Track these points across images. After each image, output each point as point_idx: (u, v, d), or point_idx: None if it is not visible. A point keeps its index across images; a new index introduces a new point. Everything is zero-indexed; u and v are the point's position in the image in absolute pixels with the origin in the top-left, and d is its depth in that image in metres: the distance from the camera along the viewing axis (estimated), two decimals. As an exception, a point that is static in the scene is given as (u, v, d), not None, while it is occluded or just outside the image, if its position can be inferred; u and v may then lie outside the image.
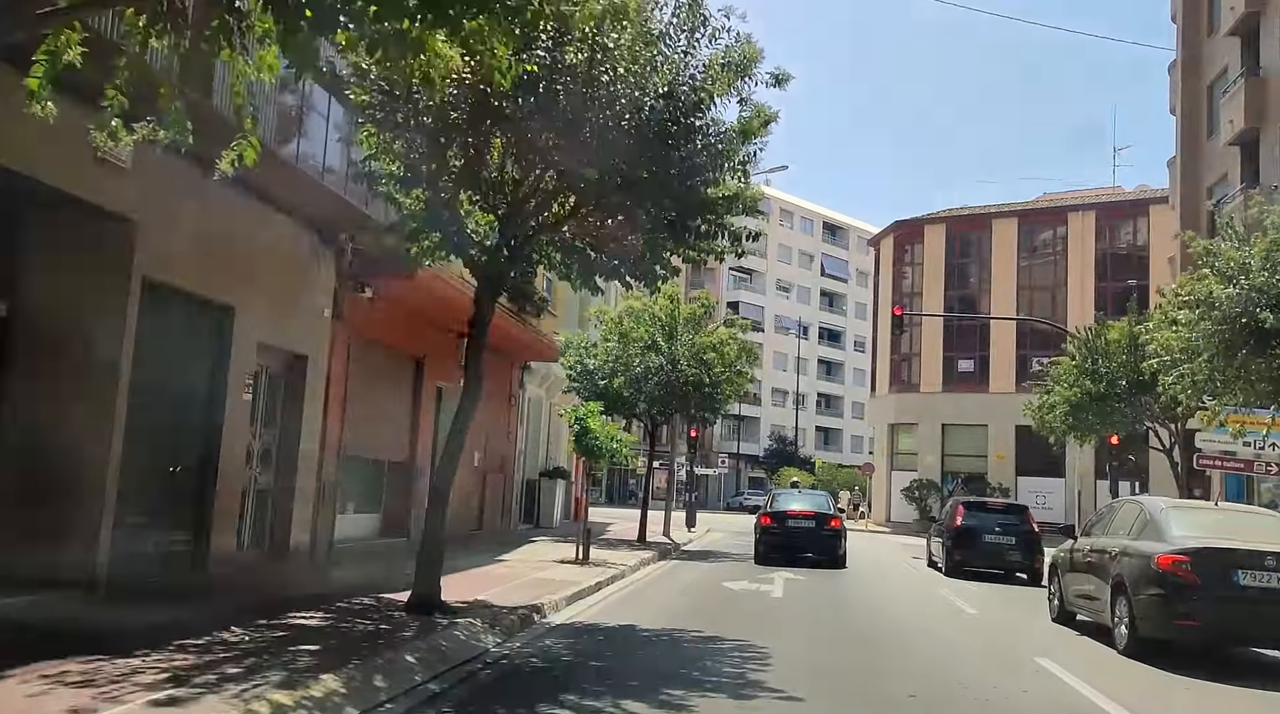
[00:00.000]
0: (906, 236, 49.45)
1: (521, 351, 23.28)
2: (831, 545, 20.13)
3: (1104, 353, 22.57)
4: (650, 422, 24.76)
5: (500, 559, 16.69)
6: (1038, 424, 26.76)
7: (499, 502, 23.72)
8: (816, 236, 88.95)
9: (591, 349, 24.01)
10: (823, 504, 21.17)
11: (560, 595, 12.20)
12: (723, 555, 22.66)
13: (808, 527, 20.26)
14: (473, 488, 21.80)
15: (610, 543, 23.02)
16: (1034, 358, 45.11)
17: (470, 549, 18.06)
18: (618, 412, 24.81)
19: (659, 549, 21.91)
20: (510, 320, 19.82)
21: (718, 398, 23.72)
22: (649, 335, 23.21)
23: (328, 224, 13.73)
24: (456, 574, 13.76)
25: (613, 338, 23.66)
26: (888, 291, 50.49)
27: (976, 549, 18.77)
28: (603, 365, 23.49)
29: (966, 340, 47.16)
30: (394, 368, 17.57)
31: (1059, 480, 43.62)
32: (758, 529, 20.68)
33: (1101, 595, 10.55)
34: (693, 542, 27.51)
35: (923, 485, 44.89)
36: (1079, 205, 44.98)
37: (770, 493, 23.19)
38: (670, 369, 23.10)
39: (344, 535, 16.19)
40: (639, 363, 23.06)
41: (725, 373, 23.41)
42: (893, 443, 49.04)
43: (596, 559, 17.78)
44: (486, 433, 22.53)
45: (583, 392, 24.17)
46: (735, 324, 24.64)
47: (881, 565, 21.88)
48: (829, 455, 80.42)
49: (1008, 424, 44.64)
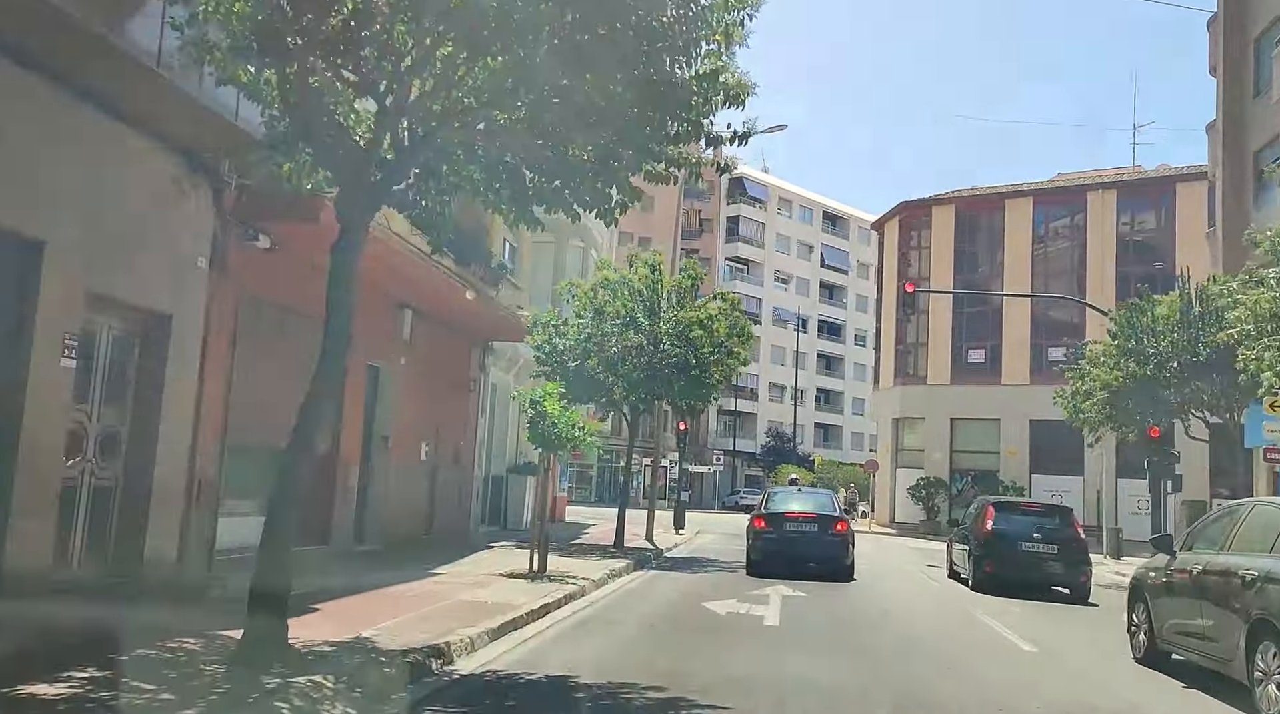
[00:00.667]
0: (912, 219, 46.40)
1: (479, 328, 20.23)
2: (837, 553, 17.13)
3: (1150, 331, 19.55)
4: (630, 410, 21.71)
5: (435, 572, 13.65)
6: (1070, 414, 23.72)
7: (454, 501, 20.67)
8: (816, 226, 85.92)
9: (562, 327, 20.97)
10: (826, 504, 18.15)
11: (484, 627, 9.16)
12: (710, 563, 19.62)
13: (809, 531, 17.24)
14: (418, 485, 18.75)
15: (582, 549, 20.00)
16: (1049, 347, 42.23)
17: (405, 558, 15.05)
18: (592, 399, 21.78)
19: (636, 556, 18.88)
20: (455, 284, 16.77)
21: (706, 383, 20.66)
22: (627, 310, 20.17)
23: (195, 145, 10.66)
24: (360, 596, 10.72)
25: (586, 314, 20.61)
26: (892, 278, 47.39)
27: (1011, 559, 15.75)
28: (574, 345, 20.45)
29: (977, 329, 44.13)
30: (310, 340, 14.45)
31: (1076, 479, 40.61)
32: (750, 533, 17.65)
33: (1225, 636, 7.53)
34: (678, 546, 24.47)
35: (930, 484, 41.86)
36: (1098, 183, 41.93)
37: (765, 492, 20.19)
38: (651, 349, 20.07)
39: (236, 542, 13.13)
40: (615, 342, 20.02)
41: (714, 353, 20.36)
42: (897, 439, 46.00)
43: (556, 570, 14.80)
44: (437, 422, 19.50)
45: (553, 376, 21.15)
46: (727, 299, 21.60)
47: (895, 576, 18.85)
48: (828, 453, 77.41)
49: (1021, 418, 41.72)
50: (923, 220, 45.99)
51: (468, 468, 21.49)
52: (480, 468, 22.58)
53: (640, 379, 20.29)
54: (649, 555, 19.81)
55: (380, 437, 17.21)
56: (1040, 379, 41.60)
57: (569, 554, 18.52)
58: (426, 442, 19.20)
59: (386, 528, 17.16)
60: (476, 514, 22.47)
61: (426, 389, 18.59)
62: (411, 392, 17.88)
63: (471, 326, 19.95)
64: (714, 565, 19.20)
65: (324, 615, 9.28)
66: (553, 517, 30.92)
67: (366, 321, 15.90)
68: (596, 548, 20.55)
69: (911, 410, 44.98)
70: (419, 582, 12.25)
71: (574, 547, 20.52)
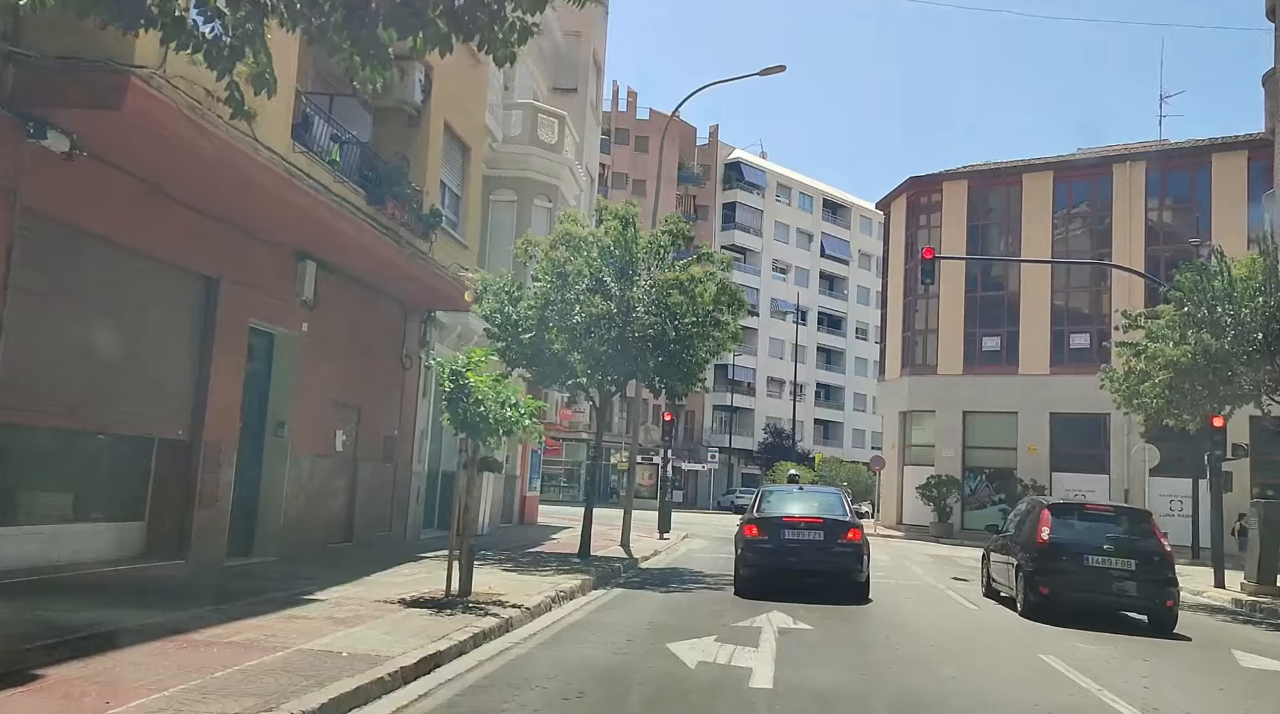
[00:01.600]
0: (922, 196, 42.86)
1: (415, 293, 16.72)
2: (848, 567, 13.65)
3: (1224, 297, 16.03)
4: (599, 394, 18.20)
5: (309, 599, 10.14)
6: (1122, 399, 20.18)
7: (385, 501, 17.17)
8: (816, 214, 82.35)
9: (516, 293, 17.47)
10: (835, 506, 14.62)
11: (292, 711, 5.65)
12: (692, 578, 16.13)
13: (813, 540, 13.74)
14: (332, 482, 15.24)
15: (537, 560, 16.54)
16: (1071, 334, 38.77)
17: (291, 576, 11.61)
18: (555, 381, 18.28)
19: (601, 570, 15.40)
20: (375, 234, 13.31)
21: (688, 360, 17.15)
22: (592, 271, 16.67)
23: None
24: (155, 644, 7.24)
25: (546, 277, 17.11)
26: (899, 261, 43.92)
27: (1074, 578, 12.24)
28: (529, 314, 16.96)
29: (992, 314, 40.59)
30: (154, 288, 10.96)
31: (1101, 477, 37.21)
32: (740, 543, 14.15)
33: None
34: (659, 555, 20.97)
35: (941, 483, 38.30)
36: (1126, 155, 38.37)
37: (759, 491, 16.65)
38: (621, 319, 16.57)
39: (59, 558, 9.67)
40: (579, 310, 16.51)
41: (698, 324, 16.84)
42: (905, 434, 42.46)
43: (486, 592, 11.39)
44: (361, 406, 16.00)
45: (508, 352, 17.67)
46: (714, 258, 18.08)
47: (919, 596, 15.31)
48: (829, 451, 73.80)
49: (1041, 411, 38.25)
50: (933, 198, 42.45)
51: (405, 462, 17.99)
52: (422, 462, 19.07)
53: (608, 355, 16.81)
54: (618, 568, 16.32)
55: (275, 422, 13.71)
56: (1062, 369, 38.19)
57: (517, 567, 15.04)
58: (344, 429, 15.70)
59: (285, 535, 13.67)
60: (418, 517, 18.97)
61: (343, 365, 15.08)
62: (320, 366, 14.38)
63: (405, 291, 16.45)
64: (696, 581, 15.71)
65: (46, 688, 5.79)
66: (521, 519, 27.47)
67: (245, 267, 12.48)
68: (555, 558, 17.07)
69: (920, 403, 41.46)
70: (268, 617, 8.74)
71: (528, 556, 17.04)
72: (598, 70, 31.38)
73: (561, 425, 29.09)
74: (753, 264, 76.80)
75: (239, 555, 12.90)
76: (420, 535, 19.06)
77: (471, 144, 18.10)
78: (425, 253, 15.47)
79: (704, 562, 19.54)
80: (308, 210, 11.59)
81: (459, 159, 17.84)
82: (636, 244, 17.16)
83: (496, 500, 24.44)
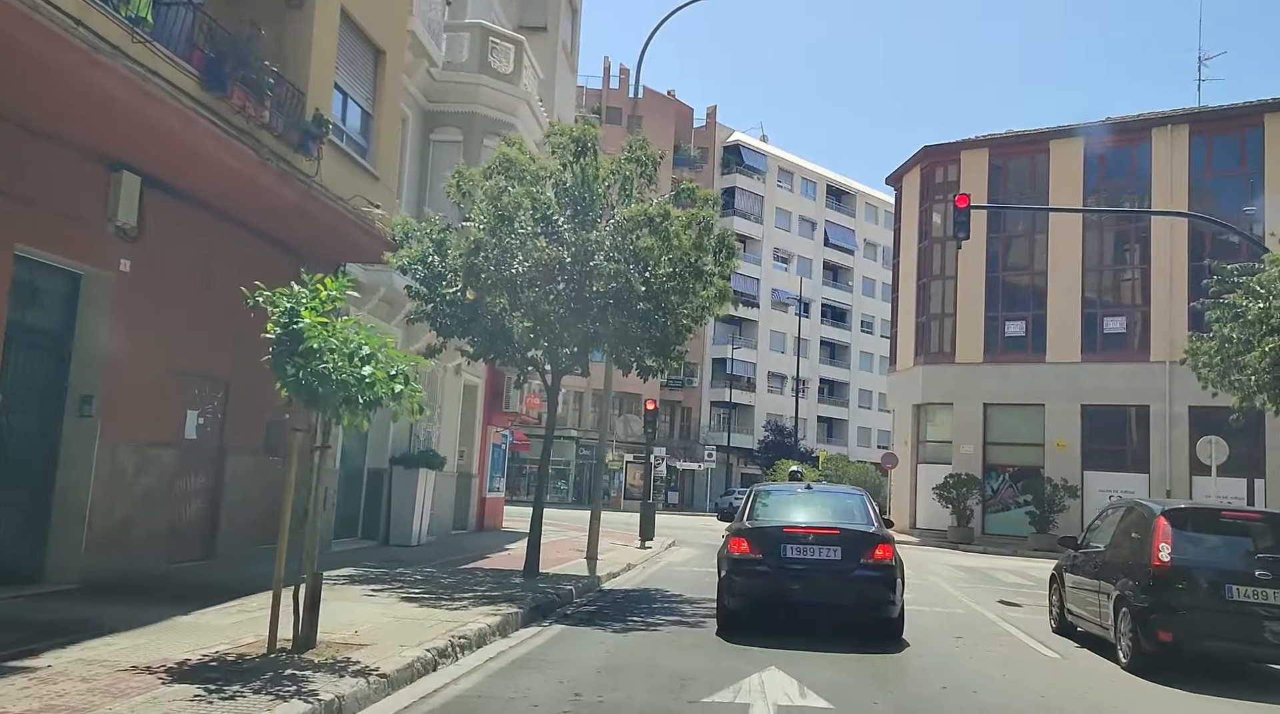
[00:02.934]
0: (937, 167, 39.00)
1: (308, 234, 12.85)
2: (875, 599, 9.84)
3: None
4: (552, 368, 14.32)
5: (30, 664, 6.30)
6: (1216, 377, 16.29)
7: (272, 505, 13.28)
8: (819, 201, 78.40)
9: (444, 240, 13.61)
10: (855, 512, 10.72)
11: None
12: (665, 606, 12.28)
13: (826, 560, 9.86)
14: (179, 479, 11.40)
15: (466, 581, 12.73)
16: (1105, 317, 34.89)
17: (61, 618, 7.81)
18: (496, 352, 14.40)
19: (542, 596, 11.58)
20: (212, 131, 9.49)
21: (662, 323, 13.30)
22: (537, 205, 12.84)
23: None
24: None
25: (480, 215, 13.28)
26: (911, 238, 40.06)
27: (1212, 618, 8.37)
28: (457, 263, 13.12)
29: (1016, 297, 36.75)
30: None
31: (1140, 476, 33.38)
32: (725, 564, 10.24)
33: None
34: (632, 570, 17.12)
35: (960, 482, 34.40)
36: (1166, 118, 34.47)
37: (751, 491, 12.53)
38: (576, 269, 12.75)
39: None
40: (521, 258, 12.68)
41: (675, 277, 12.99)
42: (919, 429, 38.58)
43: (344, 640, 7.78)
44: (227, 379, 12.15)
45: (438, 317, 13.84)
46: (696, 196, 14.22)
47: (971, 633, 11.31)
48: (833, 449, 69.82)
49: (1070, 403, 34.43)
50: (949, 169, 38.58)
51: (306, 455, 14.10)
52: (334, 458, 15.21)
53: (559, 316, 12.98)
54: (569, 592, 12.45)
55: (79, 397, 9.87)
56: (1094, 356, 34.39)
57: (430, 593, 11.24)
58: (202, 410, 11.86)
59: (94, 552, 9.85)
60: (328, 525, 15.11)
61: (197, 324, 11.25)
62: (154, 322, 10.57)
63: (294, 231, 12.59)
64: (668, 610, 11.85)
65: None
66: (479, 525, 23.62)
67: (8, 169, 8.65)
68: (492, 578, 13.26)
69: (936, 395, 37.59)
70: None
71: (457, 576, 13.21)
72: (573, 10, 27.52)
73: (529, 416, 25.19)
74: (753, 253, 72.84)
75: (19, 584, 9.11)
76: (331, 547, 15.22)
77: (387, 49, 14.26)
78: (309, 176, 11.60)
79: (686, 579, 15.70)
80: (88, 82, 7.76)
81: (368, 65, 13.99)
82: (596, 176, 13.32)
83: (444, 503, 20.60)
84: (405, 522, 17.51)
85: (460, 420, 21.73)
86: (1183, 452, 32.68)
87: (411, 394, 7.69)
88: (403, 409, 7.77)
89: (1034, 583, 18.91)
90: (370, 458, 17.41)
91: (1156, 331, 33.44)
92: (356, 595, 10.66)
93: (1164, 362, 33.01)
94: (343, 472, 16.23)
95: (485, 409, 23.76)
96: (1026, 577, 20.44)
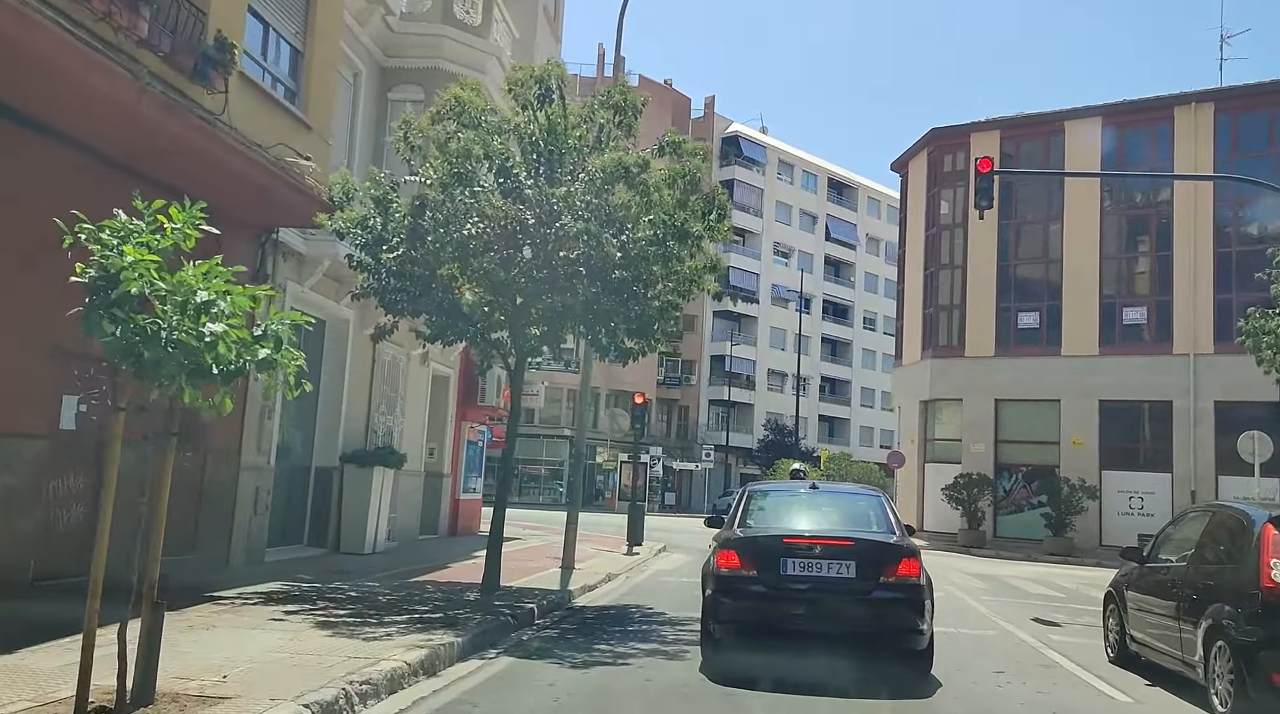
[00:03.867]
0: (945, 152, 37.02)
1: (229, 194, 10.86)
2: (899, 626, 7.88)
3: None
4: (515, 350, 12.35)
5: None
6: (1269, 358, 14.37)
7: (184, 509, 11.32)
8: (821, 194, 76.39)
9: (387, 198, 11.64)
10: (872, 517, 8.74)
11: None
12: (641, 630, 10.33)
13: (838, 578, 7.87)
14: (50, 478, 9.46)
15: (409, 598, 10.79)
16: (1124, 307, 32.90)
17: None
18: (455, 331, 12.43)
19: (500, 617, 9.65)
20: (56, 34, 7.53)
21: (641, 295, 11.36)
22: (492, 154, 10.90)
23: None
24: None
25: (429, 171, 11.35)
26: (918, 225, 38.07)
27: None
28: (402, 225, 11.18)
29: (1030, 286, 34.79)
30: None
31: (1163, 476, 31.41)
32: (710, 581, 8.25)
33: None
34: (613, 581, 15.16)
35: (971, 482, 32.39)
36: (1190, 95, 32.49)
37: (743, 491, 10.58)
38: (541, 232, 10.81)
39: None
40: (474, 219, 10.75)
41: (656, 242, 11.05)
42: (926, 426, 36.57)
43: (198, 692, 5.63)
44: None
45: (386, 293, 11.89)
46: (683, 148, 12.23)
47: (1013, 665, 9.17)
48: (834, 449, 67.83)
49: (1088, 399, 32.46)
50: (957, 154, 36.60)
51: (227, 451, 12.20)
52: (267, 451, 13.27)
53: (521, 287, 11.05)
54: (527, 612, 10.48)
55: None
56: (1113, 349, 32.43)
57: (360, 612, 9.30)
58: (82, 395, 9.90)
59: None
60: (259, 532, 13.18)
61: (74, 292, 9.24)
62: (15, 289, 8.61)
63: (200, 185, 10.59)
64: (644, 635, 9.90)
65: None
66: (452, 529, 21.66)
67: None
68: (442, 593, 11.33)
69: (945, 390, 35.58)
70: None
71: (400, 592, 11.26)
72: (556, -29, 25.58)
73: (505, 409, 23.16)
74: (752, 247, 71.03)
75: None
76: (264, 558, 13.29)
77: (322, -22, 12.29)
78: (212, 113, 9.63)
79: (672, 592, 13.74)
80: None
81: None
82: (565, 126, 11.38)
83: (410, 505, 18.69)
84: (358, 526, 15.55)
85: (428, 414, 19.79)
86: (1208, 449, 30.73)
87: (286, 361, 5.74)
88: (275, 382, 5.82)
89: (1064, 594, 16.96)
90: (318, 455, 15.48)
91: (1179, 323, 31.49)
92: (261, 620, 8.70)
93: (1188, 354, 31.10)
94: (282, 470, 14.30)
95: (459, 402, 21.81)
96: (1052, 586, 18.50)
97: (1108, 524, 31.54)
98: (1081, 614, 13.67)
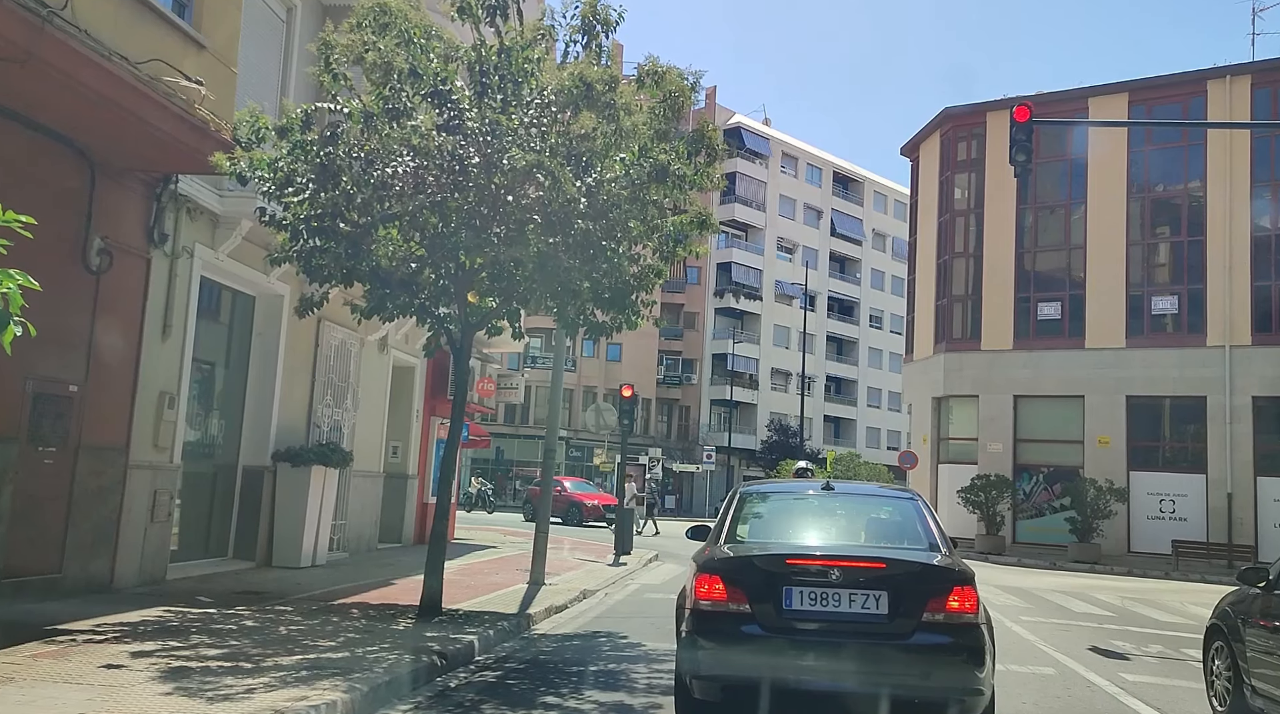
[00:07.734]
0: (959, 133, 34.82)
1: (99, 128, 8.70)
2: (950, 684, 5.62)
3: None
4: (460, 319, 10.14)
5: None
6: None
7: (47, 518, 9.14)
8: (826, 188, 74.13)
9: (294, 130, 9.42)
10: (907, 528, 6.52)
11: None
12: (610, 671, 8.11)
13: (863, 617, 5.66)
14: None
15: (329, 623, 8.59)
16: (1152, 296, 30.65)
17: None
18: (390, 302, 10.19)
19: (426, 656, 7.44)
20: None
21: (614, 252, 9.17)
22: (422, 70, 8.72)
23: None
24: None
25: (342, 97, 9.19)
26: (930, 212, 35.83)
27: None
28: (311, 159, 8.99)
29: (1051, 275, 32.56)
30: None
31: (1196, 477, 29.25)
32: (687, 618, 6.05)
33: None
34: (589, 599, 12.93)
35: (990, 484, 30.14)
36: (1225, 68, 30.27)
37: (734, 494, 7.20)
38: (484, 168, 8.61)
39: None
40: (403, 154, 8.59)
41: (624, 183, 8.86)
42: (939, 424, 34.34)
43: None
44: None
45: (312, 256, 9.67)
46: (665, 79, 9.99)
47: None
48: (841, 450, 65.52)
49: (1114, 395, 30.29)
50: (973, 135, 34.41)
51: (113, 447, 10.01)
52: (171, 448, 11.06)
53: (462, 240, 8.86)
54: (464, 647, 8.27)
55: None
56: (1142, 341, 30.26)
57: (238, 653, 7.10)
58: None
59: None
60: (157, 543, 10.97)
61: None
62: None
63: (57, 114, 8.45)
64: (610, 681, 7.69)
65: None
66: (419, 537, 19.45)
67: None
68: (373, 617, 9.11)
69: (959, 386, 33.35)
70: None
71: (320, 616, 9.03)
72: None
73: (481, 405, 21.00)
74: (755, 241, 68.83)
75: None
76: (165, 575, 11.09)
77: None
78: (47, 4, 7.44)
79: (656, 613, 11.48)
80: None
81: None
82: (521, 44, 9.20)
83: (365, 511, 16.50)
84: (292, 536, 13.34)
85: (389, 409, 17.61)
86: (1245, 449, 28.55)
87: None
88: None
89: (1112, 613, 14.73)
90: (246, 452, 13.28)
91: (1213, 312, 29.27)
92: (89, 667, 6.51)
93: (1223, 346, 28.90)
94: (198, 470, 12.12)
95: (428, 395, 19.62)
96: (1093, 602, 16.26)
97: (1136, 529, 29.34)
98: (1145, 640, 11.46)
